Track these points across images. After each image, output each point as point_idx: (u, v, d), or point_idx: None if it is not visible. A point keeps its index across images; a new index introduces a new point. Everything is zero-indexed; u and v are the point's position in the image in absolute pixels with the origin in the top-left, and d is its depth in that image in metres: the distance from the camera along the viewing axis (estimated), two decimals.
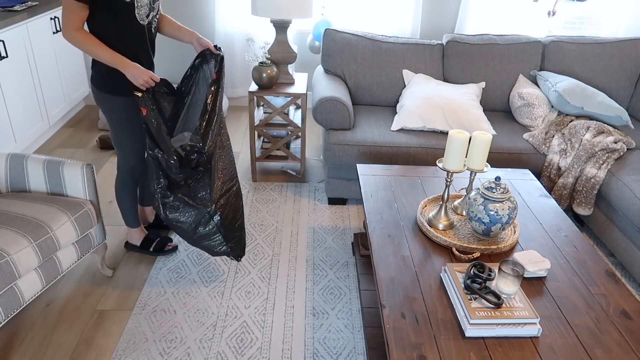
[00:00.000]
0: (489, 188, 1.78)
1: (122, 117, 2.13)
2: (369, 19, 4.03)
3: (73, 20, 1.83)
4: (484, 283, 1.55)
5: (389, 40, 3.25)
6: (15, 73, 3.13)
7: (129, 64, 1.93)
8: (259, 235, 2.70)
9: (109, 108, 2.12)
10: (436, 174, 2.36)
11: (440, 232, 1.88)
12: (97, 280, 2.34)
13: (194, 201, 2.07)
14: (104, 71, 2.02)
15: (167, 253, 2.51)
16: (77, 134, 3.77)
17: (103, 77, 2.04)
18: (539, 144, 2.83)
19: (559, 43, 3.25)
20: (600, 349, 1.42)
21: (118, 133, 2.17)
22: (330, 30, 3.23)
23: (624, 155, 2.70)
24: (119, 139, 2.19)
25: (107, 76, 2.02)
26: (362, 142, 2.78)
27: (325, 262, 2.52)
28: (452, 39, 3.26)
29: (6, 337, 2.02)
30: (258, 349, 2.01)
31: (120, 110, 2.11)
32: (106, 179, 3.18)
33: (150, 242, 2.50)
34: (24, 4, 3.36)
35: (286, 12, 2.85)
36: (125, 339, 2.03)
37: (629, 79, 3.25)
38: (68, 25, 1.85)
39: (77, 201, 2.08)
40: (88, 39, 1.88)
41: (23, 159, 2.13)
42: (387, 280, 1.65)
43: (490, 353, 1.39)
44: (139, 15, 1.95)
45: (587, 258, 1.81)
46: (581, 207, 2.71)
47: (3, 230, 1.82)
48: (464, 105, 2.90)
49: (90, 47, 1.88)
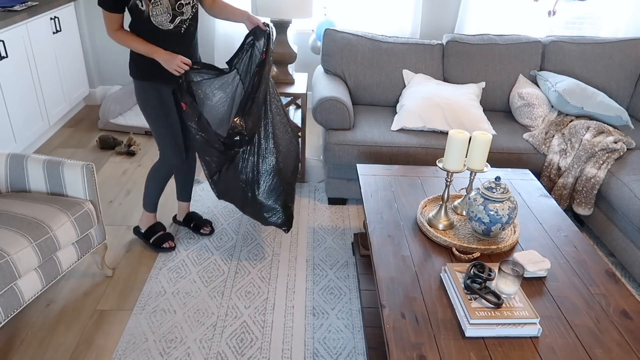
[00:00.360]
0: (489, 188, 1.78)
1: (157, 108, 2.21)
2: (369, 19, 4.03)
3: (111, 23, 2.05)
4: (484, 283, 1.55)
5: (389, 40, 3.25)
6: (15, 73, 3.13)
7: (161, 52, 2.05)
8: (259, 235, 2.70)
9: (144, 99, 2.20)
10: (436, 174, 2.36)
11: (440, 232, 1.88)
12: (97, 280, 2.34)
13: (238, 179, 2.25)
14: (136, 58, 2.14)
15: (163, 250, 2.52)
16: (77, 134, 3.77)
17: (136, 64, 2.16)
18: (539, 144, 2.83)
19: (559, 43, 3.25)
20: (600, 349, 1.42)
21: (153, 124, 2.26)
22: (330, 30, 3.22)
23: (624, 155, 2.70)
24: (155, 131, 2.28)
25: (140, 63, 2.13)
26: (362, 142, 2.78)
27: (325, 262, 2.52)
28: (452, 39, 3.26)
29: (6, 337, 2.02)
30: (258, 349, 2.01)
31: (154, 101, 2.20)
32: (106, 179, 3.19)
33: (153, 234, 2.54)
34: (24, 4, 3.36)
35: (286, 12, 2.85)
36: (125, 339, 2.03)
37: (629, 79, 3.25)
38: (107, 28, 2.06)
39: (77, 201, 2.08)
40: (125, 36, 2.06)
41: (23, 159, 2.13)
42: (387, 280, 1.65)
43: (490, 353, 1.39)
44: (156, 22, 2.03)
45: (587, 258, 1.81)
46: (581, 207, 2.71)
47: (3, 230, 1.82)
48: (464, 105, 2.90)
49: (127, 42, 2.07)
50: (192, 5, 2.10)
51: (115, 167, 3.33)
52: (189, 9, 2.09)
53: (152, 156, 3.49)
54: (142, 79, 2.17)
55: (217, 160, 2.23)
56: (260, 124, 2.23)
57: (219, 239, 2.65)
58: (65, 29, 3.76)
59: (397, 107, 3.07)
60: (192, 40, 2.20)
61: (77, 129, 3.87)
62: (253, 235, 2.70)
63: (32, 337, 2.03)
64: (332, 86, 2.98)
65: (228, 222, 2.79)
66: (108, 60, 4.24)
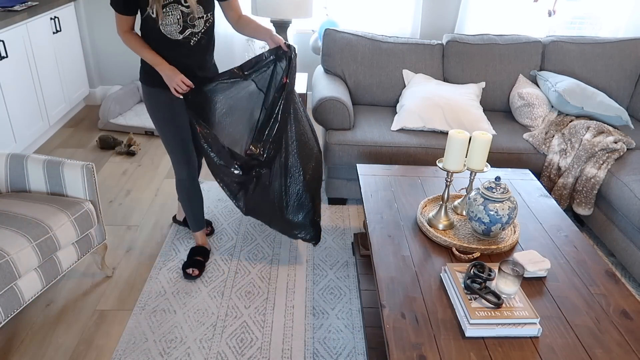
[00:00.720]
0: (489, 188, 1.78)
1: (167, 118, 2.15)
2: (369, 19, 4.03)
3: (121, 24, 2.02)
4: (484, 283, 1.55)
5: (389, 40, 3.25)
6: (15, 73, 3.13)
7: (165, 66, 2.01)
8: (259, 235, 2.70)
9: (153, 106, 2.16)
10: (436, 174, 2.36)
11: (440, 232, 1.88)
12: (97, 280, 2.34)
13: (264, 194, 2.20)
14: (146, 63, 2.10)
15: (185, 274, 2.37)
16: (77, 134, 3.77)
17: (146, 71, 2.12)
18: (539, 144, 2.83)
19: (559, 43, 3.25)
20: (600, 349, 1.42)
21: (163, 136, 2.21)
22: (330, 30, 3.22)
23: (624, 155, 2.70)
24: (164, 143, 2.23)
25: (149, 69, 2.09)
26: (362, 142, 2.78)
27: (325, 262, 2.52)
28: (452, 39, 3.26)
29: (6, 337, 2.02)
30: (258, 349, 2.01)
31: (163, 110, 2.14)
32: (106, 179, 3.19)
33: (190, 254, 2.46)
34: (24, 4, 3.36)
35: (286, 12, 2.85)
36: (125, 339, 2.03)
37: (629, 79, 3.25)
38: (117, 28, 2.04)
39: (77, 201, 2.08)
40: (133, 40, 2.03)
41: (23, 159, 2.13)
42: (387, 280, 1.65)
43: (490, 353, 1.39)
44: (165, 31, 1.99)
45: (587, 258, 1.81)
46: (581, 207, 2.71)
47: (3, 230, 1.82)
48: (463, 105, 2.90)
49: (134, 47, 2.04)
50: (205, 19, 2.05)
51: (115, 167, 3.33)
52: (202, 22, 2.04)
53: (152, 156, 3.49)
54: (150, 85, 2.12)
55: (238, 181, 2.17)
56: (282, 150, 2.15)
57: (219, 239, 2.65)
58: (65, 29, 3.76)
59: (397, 107, 3.07)
60: (203, 52, 2.13)
61: (77, 129, 3.87)
62: (253, 235, 2.70)
63: (32, 337, 2.03)
64: (332, 86, 2.98)
65: (228, 222, 2.79)
66: (108, 60, 4.24)
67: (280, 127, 2.08)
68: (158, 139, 3.75)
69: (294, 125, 2.15)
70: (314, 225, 2.36)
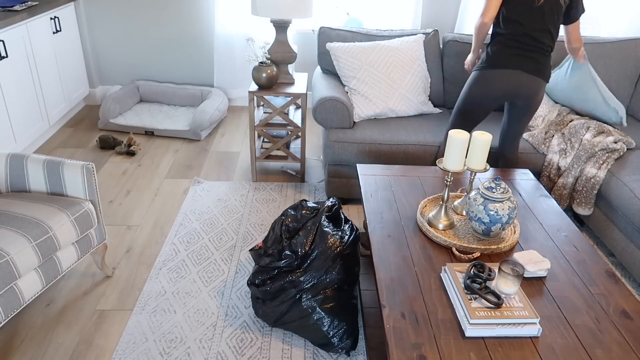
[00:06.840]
0: (489, 188, 1.78)
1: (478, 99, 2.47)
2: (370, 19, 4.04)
3: (490, 8, 2.31)
4: (484, 283, 1.55)
5: (384, 34, 3.24)
6: (15, 73, 3.13)
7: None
8: (259, 235, 2.70)
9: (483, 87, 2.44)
10: (436, 174, 2.36)
11: (440, 232, 1.88)
12: (97, 280, 2.34)
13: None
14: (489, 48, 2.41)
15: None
16: (77, 134, 3.77)
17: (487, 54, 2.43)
18: (539, 143, 2.83)
19: (558, 43, 3.25)
20: (600, 349, 1.42)
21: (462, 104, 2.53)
22: (324, 28, 3.23)
23: (624, 155, 2.70)
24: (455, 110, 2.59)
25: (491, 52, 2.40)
26: (362, 140, 2.79)
27: None
28: (452, 38, 3.26)
29: (6, 337, 2.02)
30: (258, 349, 2.01)
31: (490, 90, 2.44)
32: (106, 179, 3.19)
33: None
34: (24, 4, 3.36)
35: (286, 12, 2.85)
36: (125, 339, 2.03)
37: (628, 79, 3.24)
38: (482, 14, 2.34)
39: (77, 201, 2.09)
40: (477, 32, 2.42)
41: (23, 159, 2.13)
42: (387, 280, 1.65)
43: (490, 353, 1.39)
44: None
45: (587, 258, 1.81)
46: (581, 207, 2.71)
47: (3, 230, 1.82)
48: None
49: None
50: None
51: (115, 167, 3.33)
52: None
53: (152, 156, 3.49)
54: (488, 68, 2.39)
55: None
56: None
57: (219, 239, 2.65)
58: (65, 29, 3.76)
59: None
60: (556, 19, 2.34)
61: (77, 129, 3.87)
62: (253, 235, 2.70)
63: (32, 337, 2.03)
64: (332, 86, 2.98)
65: (228, 222, 2.79)
66: (108, 60, 4.24)
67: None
68: (158, 138, 3.75)
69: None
70: (351, 335, 2.03)
